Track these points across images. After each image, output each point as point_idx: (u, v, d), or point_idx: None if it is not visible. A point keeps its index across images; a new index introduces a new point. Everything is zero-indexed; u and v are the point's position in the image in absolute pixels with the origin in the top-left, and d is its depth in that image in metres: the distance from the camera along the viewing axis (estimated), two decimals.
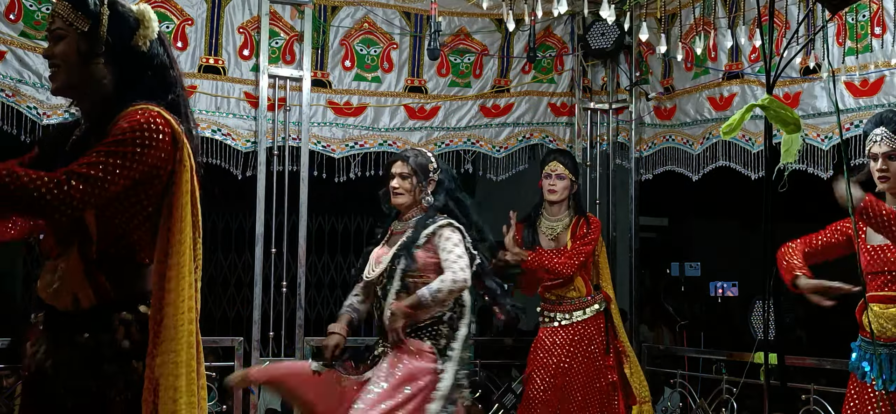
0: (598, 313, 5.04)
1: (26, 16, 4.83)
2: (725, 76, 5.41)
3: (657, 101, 5.95)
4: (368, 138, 5.67)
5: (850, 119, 4.67)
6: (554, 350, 4.97)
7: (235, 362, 5.19)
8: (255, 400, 5.29)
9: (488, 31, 5.85)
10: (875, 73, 4.61)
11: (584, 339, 4.98)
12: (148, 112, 2.32)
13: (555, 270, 4.90)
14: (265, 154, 5.32)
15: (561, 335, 4.98)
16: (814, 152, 4.92)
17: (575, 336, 4.98)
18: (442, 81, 5.83)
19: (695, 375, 5.74)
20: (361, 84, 5.66)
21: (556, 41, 6.06)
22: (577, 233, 4.97)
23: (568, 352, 4.95)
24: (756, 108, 2.78)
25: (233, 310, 9.98)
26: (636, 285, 6.24)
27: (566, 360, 4.94)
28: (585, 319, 5.00)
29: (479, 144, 5.93)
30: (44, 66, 4.87)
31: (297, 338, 5.41)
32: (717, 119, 5.47)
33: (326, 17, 5.56)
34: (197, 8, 5.23)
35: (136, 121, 2.29)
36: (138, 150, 2.27)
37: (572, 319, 4.99)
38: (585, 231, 4.97)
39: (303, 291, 5.45)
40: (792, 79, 4.95)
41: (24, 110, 4.84)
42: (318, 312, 10.42)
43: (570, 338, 4.97)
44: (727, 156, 5.48)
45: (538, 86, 6.04)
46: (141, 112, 2.32)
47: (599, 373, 4.98)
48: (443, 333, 3.87)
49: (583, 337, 4.98)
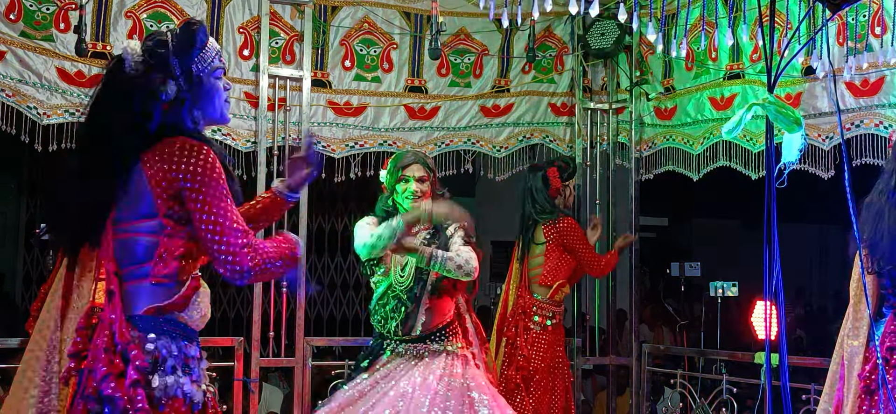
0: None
1: (26, 16, 4.83)
2: (726, 76, 5.41)
3: (657, 101, 5.95)
4: (368, 138, 5.66)
5: (851, 119, 4.67)
6: (560, 346, 5.21)
7: (235, 362, 5.18)
8: (255, 400, 5.29)
9: (488, 31, 5.84)
10: (875, 73, 4.61)
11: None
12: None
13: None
14: (265, 154, 5.32)
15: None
16: (814, 152, 4.92)
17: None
18: (442, 81, 5.83)
19: (695, 375, 5.74)
20: (361, 84, 5.66)
21: (556, 41, 6.06)
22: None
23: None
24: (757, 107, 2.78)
25: (233, 310, 9.97)
26: (636, 285, 6.23)
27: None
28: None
29: (479, 144, 5.93)
30: (44, 66, 4.88)
31: (297, 338, 5.40)
32: (718, 119, 5.47)
33: (326, 17, 5.56)
34: (197, 8, 5.23)
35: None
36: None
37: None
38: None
39: (303, 291, 5.43)
40: (793, 79, 4.95)
41: (24, 110, 4.84)
42: (318, 312, 10.42)
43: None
44: (728, 156, 5.48)
45: (538, 86, 6.04)
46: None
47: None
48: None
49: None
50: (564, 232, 5.11)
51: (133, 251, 2.42)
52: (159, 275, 2.39)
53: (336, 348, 6.79)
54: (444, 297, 3.95)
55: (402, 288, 3.93)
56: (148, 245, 2.40)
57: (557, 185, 5.16)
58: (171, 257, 2.40)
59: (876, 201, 3.35)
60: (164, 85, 2.43)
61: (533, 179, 5.22)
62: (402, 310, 3.91)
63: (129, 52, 2.45)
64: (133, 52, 2.46)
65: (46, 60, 4.90)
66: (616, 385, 6.38)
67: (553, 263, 5.12)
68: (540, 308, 5.11)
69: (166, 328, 2.41)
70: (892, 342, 3.28)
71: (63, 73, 4.94)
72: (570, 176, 5.24)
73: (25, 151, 4.70)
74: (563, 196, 5.21)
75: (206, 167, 2.38)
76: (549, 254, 5.12)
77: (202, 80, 2.52)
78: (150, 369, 2.36)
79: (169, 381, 2.37)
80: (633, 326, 6.29)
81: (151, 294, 2.41)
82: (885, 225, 3.27)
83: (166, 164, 2.38)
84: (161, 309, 2.40)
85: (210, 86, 2.55)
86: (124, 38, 5.05)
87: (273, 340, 5.41)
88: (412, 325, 3.91)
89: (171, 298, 2.41)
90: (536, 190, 5.18)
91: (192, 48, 2.50)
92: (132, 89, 2.42)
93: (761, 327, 6.39)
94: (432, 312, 3.92)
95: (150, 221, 2.40)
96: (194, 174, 2.36)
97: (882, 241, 3.30)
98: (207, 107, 2.55)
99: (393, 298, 3.93)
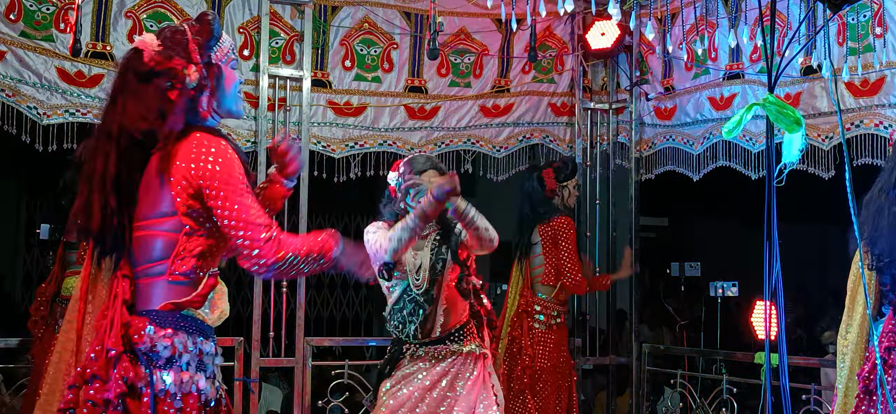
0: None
1: (26, 16, 4.83)
2: (726, 76, 5.40)
3: (657, 101, 5.94)
4: (368, 138, 5.66)
5: (851, 119, 4.67)
6: (564, 345, 5.27)
7: (235, 362, 5.18)
8: (255, 400, 5.28)
9: (488, 31, 5.84)
10: (875, 73, 4.60)
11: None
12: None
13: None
14: (265, 154, 5.32)
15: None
16: (814, 152, 4.92)
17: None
18: (442, 81, 5.83)
19: (695, 375, 5.74)
20: (361, 84, 5.66)
21: (556, 41, 6.06)
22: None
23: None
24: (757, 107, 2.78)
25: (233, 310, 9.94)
26: (636, 285, 6.23)
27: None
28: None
29: (479, 144, 5.93)
30: (44, 66, 4.88)
31: (297, 338, 5.40)
32: (718, 119, 5.47)
33: (326, 17, 5.56)
34: (197, 8, 5.22)
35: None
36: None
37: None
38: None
39: (303, 291, 5.44)
40: (793, 79, 4.95)
41: (24, 110, 4.84)
42: (318, 312, 10.41)
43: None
44: (728, 156, 5.48)
45: (538, 86, 6.04)
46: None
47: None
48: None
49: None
50: (557, 229, 5.11)
51: (151, 249, 2.41)
52: (177, 273, 2.39)
53: (336, 348, 6.78)
54: (458, 296, 3.96)
55: (419, 290, 3.93)
56: (166, 243, 2.39)
57: (553, 186, 5.16)
58: (190, 255, 2.39)
59: (876, 198, 3.35)
60: (186, 70, 2.41)
61: (529, 181, 5.24)
62: (420, 312, 3.89)
63: (147, 42, 2.43)
64: (150, 42, 2.44)
65: (46, 60, 4.89)
66: (616, 385, 6.38)
67: (554, 262, 5.12)
68: (545, 307, 5.12)
69: (182, 324, 2.40)
70: (890, 342, 3.28)
71: (63, 73, 4.94)
72: (567, 176, 5.23)
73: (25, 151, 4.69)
74: (561, 197, 5.21)
75: (225, 163, 2.37)
76: (548, 253, 5.13)
77: (220, 69, 2.51)
78: (165, 365, 2.36)
79: (184, 377, 2.37)
80: (633, 326, 6.29)
81: (168, 291, 2.40)
82: (884, 222, 3.28)
83: (184, 162, 2.36)
84: (178, 305, 2.40)
85: (228, 74, 2.55)
86: (124, 38, 5.05)
87: (273, 340, 5.41)
88: (431, 326, 3.90)
89: (187, 295, 2.40)
90: (533, 191, 5.20)
91: (209, 36, 2.48)
92: (153, 76, 2.39)
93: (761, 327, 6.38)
94: (449, 313, 3.92)
95: (170, 219, 2.39)
96: (213, 172, 2.35)
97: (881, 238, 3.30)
98: (225, 96, 2.53)
99: (410, 302, 3.91)
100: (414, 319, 3.89)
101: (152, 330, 2.36)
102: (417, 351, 3.90)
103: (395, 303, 3.94)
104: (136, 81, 2.40)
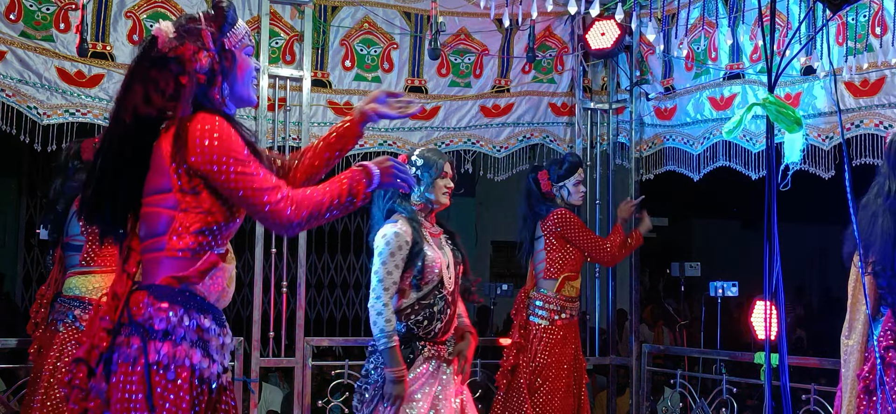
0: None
1: (26, 16, 4.84)
2: (726, 76, 5.40)
3: (657, 101, 5.95)
4: (368, 138, 5.66)
5: (851, 119, 4.67)
6: (573, 343, 5.20)
7: (235, 362, 5.18)
8: (255, 400, 5.28)
9: (488, 31, 5.84)
10: (875, 73, 4.61)
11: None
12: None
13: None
14: None
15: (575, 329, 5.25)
16: (814, 152, 4.92)
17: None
18: (442, 81, 5.83)
19: (695, 375, 5.74)
20: (361, 84, 5.66)
21: (556, 41, 6.06)
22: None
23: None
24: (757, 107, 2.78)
25: (233, 310, 9.97)
26: (636, 285, 6.23)
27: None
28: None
29: (480, 144, 5.93)
30: (44, 66, 4.88)
31: (297, 338, 5.40)
32: (718, 119, 5.47)
33: (326, 17, 5.56)
34: (197, 7, 5.22)
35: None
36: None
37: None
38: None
39: (303, 291, 5.44)
40: (793, 79, 4.95)
41: (24, 110, 4.84)
42: (318, 312, 10.42)
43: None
44: (728, 156, 5.48)
45: (538, 86, 6.04)
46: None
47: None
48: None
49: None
50: (556, 223, 5.09)
51: (155, 225, 2.46)
52: (175, 248, 2.43)
53: (336, 348, 6.79)
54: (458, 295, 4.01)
55: (452, 288, 3.92)
56: (168, 219, 2.45)
57: (547, 187, 5.16)
58: (187, 232, 2.44)
59: (871, 203, 3.38)
60: (197, 55, 2.45)
61: (528, 182, 5.27)
62: (448, 311, 3.89)
63: (162, 30, 2.48)
64: (166, 29, 2.48)
65: (46, 60, 4.90)
66: (616, 385, 6.38)
67: (555, 256, 5.12)
68: (547, 302, 5.10)
69: (180, 299, 2.43)
70: (888, 342, 3.29)
71: (63, 73, 4.95)
72: (566, 174, 5.21)
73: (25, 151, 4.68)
74: (561, 196, 5.21)
75: (222, 136, 2.42)
76: (549, 247, 5.12)
77: (234, 55, 2.56)
78: (162, 337, 2.39)
79: (178, 351, 2.40)
80: (633, 326, 6.30)
81: (169, 265, 2.45)
82: (879, 227, 3.30)
83: (186, 141, 2.41)
84: (177, 278, 2.43)
85: (242, 61, 2.58)
86: (124, 38, 5.06)
87: (273, 340, 5.41)
88: (449, 323, 3.93)
89: (187, 270, 2.44)
90: (531, 192, 5.22)
91: (223, 23, 2.53)
92: (166, 62, 2.43)
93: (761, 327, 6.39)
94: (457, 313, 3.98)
95: (170, 196, 2.44)
96: (211, 147, 2.40)
97: (877, 242, 3.32)
98: (237, 82, 2.58)
99: (440, 299, 3.88)
100: (442, 316, 3.88)
101: (148, 302, 2.41)
102: (430, 350, 3.88)
103: (423, 298, 3.85)
104: (150, 67, 2.45)
